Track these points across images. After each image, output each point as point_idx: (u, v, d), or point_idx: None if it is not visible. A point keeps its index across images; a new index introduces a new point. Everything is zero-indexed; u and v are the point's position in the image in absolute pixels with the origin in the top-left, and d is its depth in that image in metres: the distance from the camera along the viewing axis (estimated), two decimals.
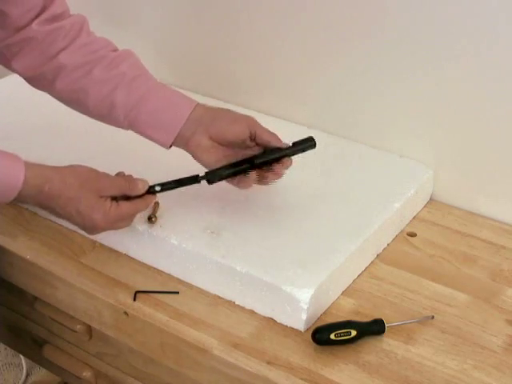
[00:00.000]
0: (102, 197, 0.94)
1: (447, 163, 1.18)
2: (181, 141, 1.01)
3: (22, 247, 1.08)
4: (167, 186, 0.99)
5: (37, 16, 1.02)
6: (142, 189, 0.97)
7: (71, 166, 0.96)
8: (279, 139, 1.01)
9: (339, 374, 0.88)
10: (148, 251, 1.04)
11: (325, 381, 0.87)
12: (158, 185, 0.99)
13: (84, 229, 0.97)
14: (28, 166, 0.91)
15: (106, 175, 0.97)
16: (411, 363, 0.89)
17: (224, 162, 1.00)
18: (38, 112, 1.31)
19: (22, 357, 1.78)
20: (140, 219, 1.03)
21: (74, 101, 1.05)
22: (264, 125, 1.02)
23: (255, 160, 0.99)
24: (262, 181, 1.00)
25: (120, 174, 0.98)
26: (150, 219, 1.03)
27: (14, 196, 0.90)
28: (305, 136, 1.02)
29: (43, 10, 1.02)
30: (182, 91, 1.41)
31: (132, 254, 1.06)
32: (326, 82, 1.25)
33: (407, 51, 1.13)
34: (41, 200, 0.92)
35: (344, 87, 1.23)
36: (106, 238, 1.07)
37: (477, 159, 1.15)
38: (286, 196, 1.11)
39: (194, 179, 1.00)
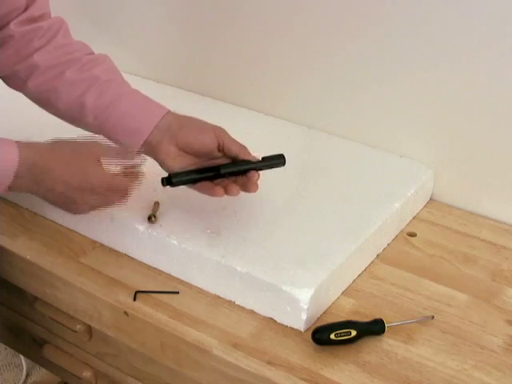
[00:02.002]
0: (98, 162, 0.93)
1: (447, 163, 1.18)
2: (148, 148, 1.00)
3: (22, 247, 1.08)
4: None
5: (16, 16, 1.02)
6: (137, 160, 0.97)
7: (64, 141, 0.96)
8: (248, 152, 1.00)
9: (339, 373, 0.88)
10: (148, 251, 1.04)
11: (325, 381, 0.87)
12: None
13: (79, 189, 0.93)
14: (19, 145, 0.90)
15: (100, 142, 0.97)
16: (411, 363, 0.89)
17: None
18: (38, 112, 1.31)
19: (21, 357, 1.78)
20: (140, 219, 1.03)
21: (45, 101, 1.05)
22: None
23: (221, 169, 0.98)
24: (227, 191, 0.98)
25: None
26: (150, 219, 1.03)
27: (11, 176, 0.89)
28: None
29: (23, 10, 1.03)
30: (182, 91, 1.41)
31: (132, 254, 1.06)
32: (326, 82, 1.25)
33: (407, 51, 1.13)
34: (34, 175, 0.90)
35: (344, 87, 1.23)
36: (106, 237, 1.07)
37: (477, 159, 1.15)
38: (286, 196, 1.11)
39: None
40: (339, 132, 1.27)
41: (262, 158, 1.01)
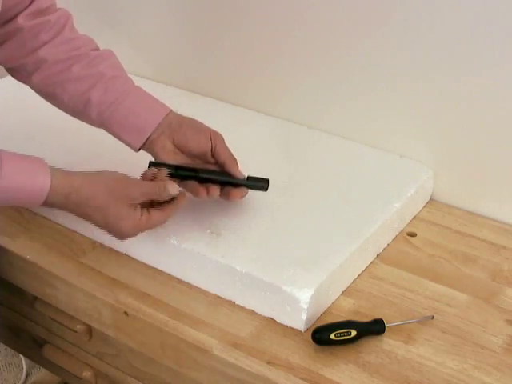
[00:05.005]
0: (132, 205, 0.93)
1: (447, 163, 1.18)
2: (148, 143, 1.02)
3: (22, 247, 1.08)
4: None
5: (23, 9, 1.03)
6: (173, 192, 0.94)
7: (99, 173, 0.94)
8: (236, 165, 1.01)
9: (339, 374, 0.88)
10: (148, 251, 1.04)
11: (325, 381, 0.87)
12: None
13: (113, 235, 0.96)
14: (54, 173, 0.89)
15: (135, 182, 0.95)
16: (411, 363, 0.89)
17: None
18: (38, 112, 1.31)
19: (22, 357, 1.78)
20: None
21: (51, 94, 1.06)
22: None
23: (200, 172, 0.99)
24: (208, 191, 0.99)
25: (147, 175, 0.97)
26: None
27: (40, 202, 0.90)
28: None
29: (30, 3, 1.03)
30: (182, 91, 1.41)
31: (132, 254, 1.06)
32: (326, 82, 1.25)
33: (408, 51, 1.13)
34: (68, 207, 0.92)
35: (344, 87, 1.23)
36: (106, 238, 1.06)
37: (477, 159, 1.15)
38: (286, 196, 1.11)
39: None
40: (339, 132, 1.27)
41: (248, 178, 1.01)
